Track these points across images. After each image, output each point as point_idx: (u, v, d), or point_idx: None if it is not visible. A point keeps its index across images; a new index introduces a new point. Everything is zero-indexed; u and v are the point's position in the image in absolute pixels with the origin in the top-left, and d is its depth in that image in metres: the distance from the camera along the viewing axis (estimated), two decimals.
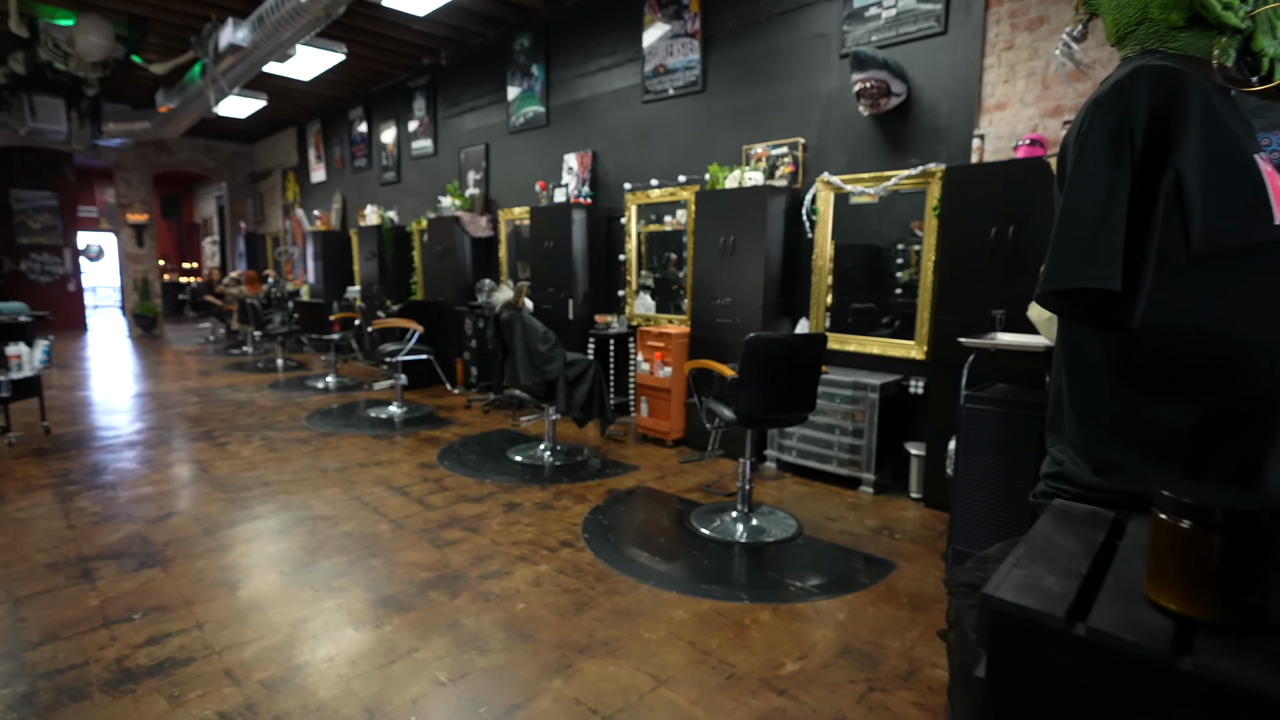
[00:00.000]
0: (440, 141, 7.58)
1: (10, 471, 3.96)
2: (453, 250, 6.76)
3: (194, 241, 16.59)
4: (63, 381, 6.98)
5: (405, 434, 4.98)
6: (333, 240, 9.16)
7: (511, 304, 4.22)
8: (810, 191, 4.21)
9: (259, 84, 8.17)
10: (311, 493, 3.64)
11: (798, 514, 3.41)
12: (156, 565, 2.73)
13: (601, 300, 5.67)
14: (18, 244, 11.61)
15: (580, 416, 4.21)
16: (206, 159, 12.05)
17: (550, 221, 5.59)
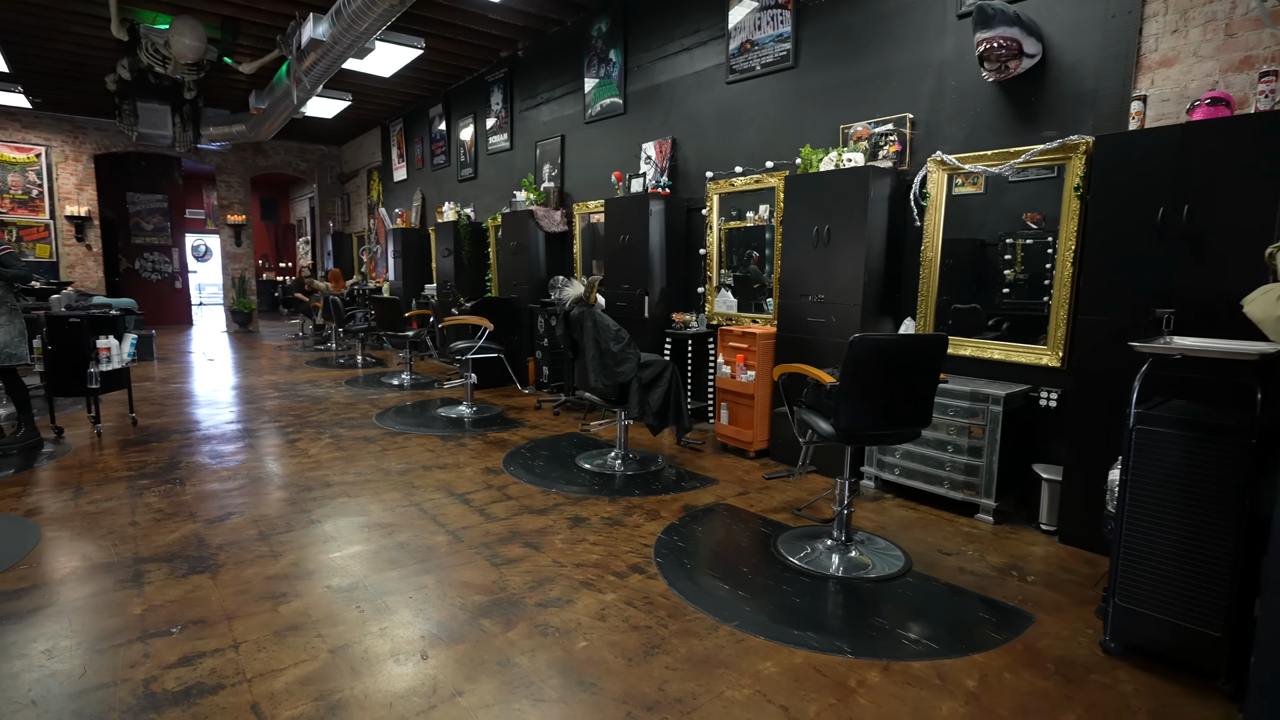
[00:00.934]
0: (516, 135, 7.43)
1: (94, 462, 4.01)
2: (526, 246, 6.57)
3: (290, 242, 17.40)
4: (158, 374, 7.27)
5: (473, 435, 4.79)
6: (412, 238, 9.22)
7: (582, 299, 3.93)
8: (920, 173, 3.70)
9: (343, 83, 8.30)
10: (372, 497, 3.46)
11: (903, 544, 2.94)
12: (206, 571, 2.58)
13: (679, 298, 5.31)
14: (133, 244, 12.42)
15: (655, 423, 3.87)
16: (299, 160, 12.52)
17: (626, 213, 5.28)
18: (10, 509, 3.23)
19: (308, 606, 2.33)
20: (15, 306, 4.17)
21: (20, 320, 4.16)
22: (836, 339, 3.77)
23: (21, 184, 10.16)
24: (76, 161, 10.51)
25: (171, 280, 12.97)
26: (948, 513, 3.34)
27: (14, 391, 4.23)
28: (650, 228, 5.05)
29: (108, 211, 11.89)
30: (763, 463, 4.18)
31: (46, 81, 8.46)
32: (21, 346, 4.10)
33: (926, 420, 2.61)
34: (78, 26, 6.58)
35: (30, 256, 10.27)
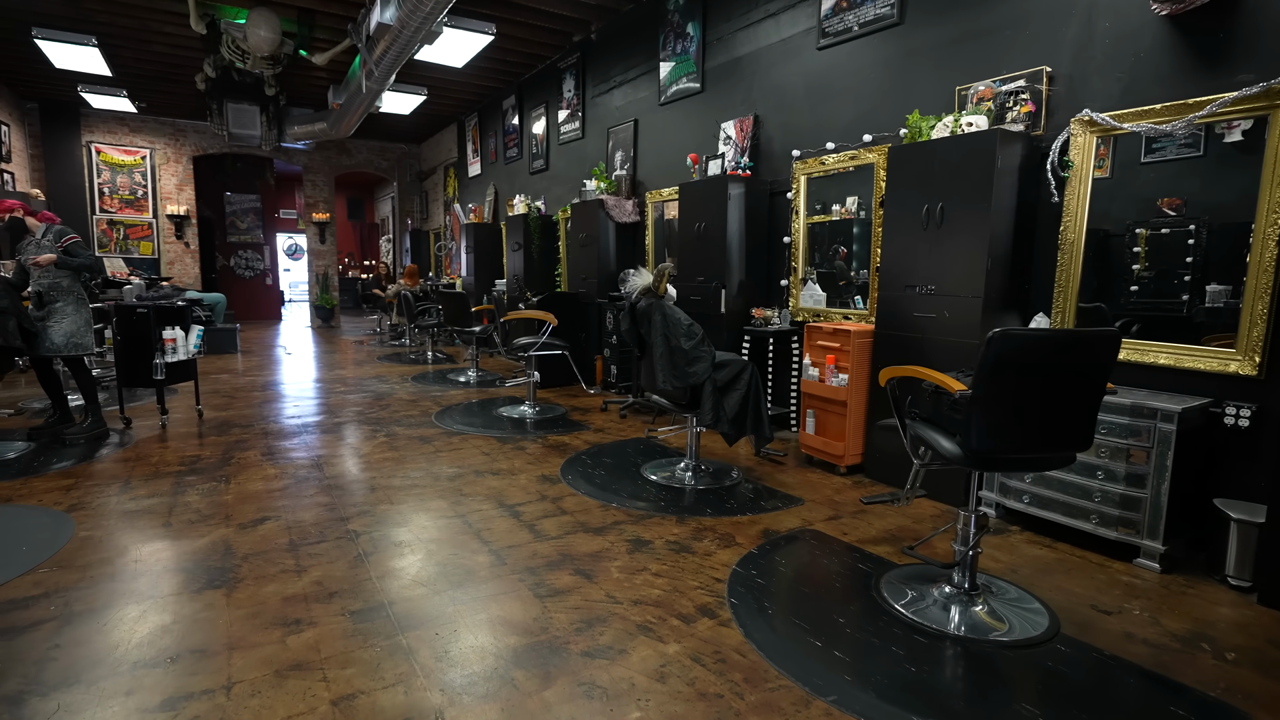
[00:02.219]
0: (588, 123, 7.09)
1: (148, 455, 3.92)
2: (595, 237, 6.21)
3: (374, 240, 17.90)
4: (235, 367, 7.39)
5: (532, 438, 4.44)
6: (484, 233, 9.08)
7: (651, 290, 3.49)
8: (1060, 137, 3.05)
9: (417, 76, 8.24)
10: (416, 504, 3.15)
11: (1043, 594, 2.34)
12: (224, 586, 2.31)
13: (760, 291, 4.79)
14: (228, 242, 12.99)
15: (730, 431, 3.38)
16: (380, 159, 12.73)
17: (702, 198, 4.81)
18: (55, 503, 3.11)
19: (319, 639, 1.99)
20: (83, 297, 4.16)
21: (87, 311, 4.14)
22: (950, 338, 3.17)
23: (129, 185, 10.74)
24: (177, 163, 11.02)
25: (263, 277, 13.49)
26: (1095, 554, 2.69)
27: (81, 381, 4.21)
28: (728, 214, 4.56)
29: (206, 211, 12.47)
30: (855, 480, 3.62)
31: (146, 85, 8.83)
32: (87, 336, 4.07)
33: (1087, 441, 2.02)
34: (168, 26, 6.73)
35: (135, 253, 10.86)
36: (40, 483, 3.42)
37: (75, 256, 4.02)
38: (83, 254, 4.08)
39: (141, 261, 10.84)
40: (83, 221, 10.34)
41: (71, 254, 4.01)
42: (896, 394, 2.32)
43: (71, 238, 4.07)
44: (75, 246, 4.05)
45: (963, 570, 2.22)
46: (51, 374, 4.23)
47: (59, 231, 4.10)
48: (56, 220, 4.25)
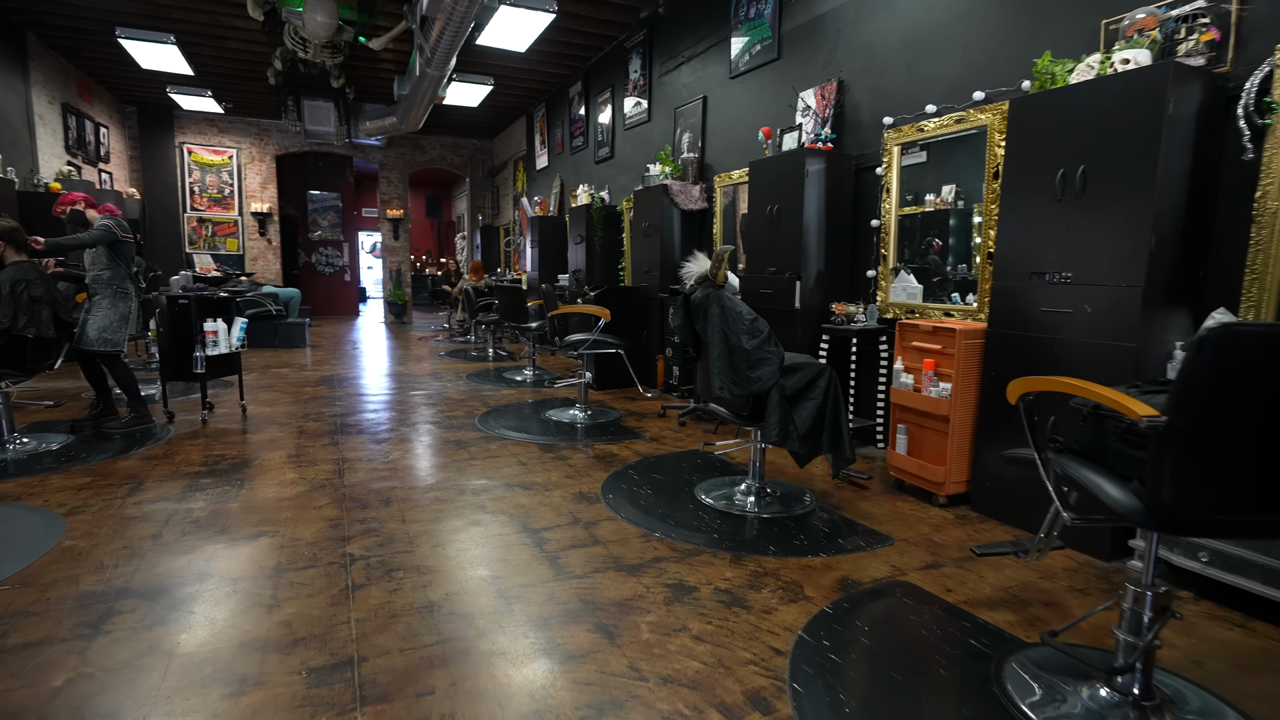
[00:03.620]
0: (654, 104, 6.59)
1: (175, 453, 3.71)
2: (659, 226, 5.70)
3: (450, 237, 18.10)
4: (298, 361, 7.34)
5: (578, 446, 3.98)
6: (549, 226, 8.74)
7: (709, 278, 2.94)
8: (1259, 73, 2.28)
9: (481, 65, 7.99)
10: (429, 524, 2.74)
11: (1250, 708, 1.63)
12: (178, 624, 1.95)
13: (841, 283, 4.13)
14: (310, 239, 13.33)
15: (801, 450, 2.78)
16: (453, 155, 12.71)
17: (775, 178, 4.20)
18: (60, 504, 2.90)
19: (258, 709, 1.57)
20: (122, 291, 4.01)
21: (124, 305, 3.99)
22: (1093, 339, 2.46)
23: (217, 184, 11.13)
24: (261, 162, 11.33)
25: (341, 274, 13.78)
26: None
27: (117, 376, 4.09)
28: (805, 193, 3.93)
29: (290, 209, 12.82)
30: (958, 514, 2.93)
31: (227, 84, 9.02)
32: (120, 333, 3.93)
33: None
34: (237, 20, 6.72)
35: (222, 250, 11.24)
36: (58, 480, 3.24)
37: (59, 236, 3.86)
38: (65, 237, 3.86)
39: (227, 257, 11.21)
40: (175, 219, 10.78)
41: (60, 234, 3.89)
42: (1032, 415, 1.68)
43: (104, 221, 3.93)
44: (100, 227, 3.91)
45: (1136, 673, 1.55)
46: (94, 366, 4.14)
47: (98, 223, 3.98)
48: (117, 213, 4.15)
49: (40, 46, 7.44)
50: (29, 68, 7.14)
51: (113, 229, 3.92)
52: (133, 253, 4.08)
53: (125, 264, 4.08)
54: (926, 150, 3.70)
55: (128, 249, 4.04)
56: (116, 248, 3.99)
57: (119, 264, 3.99)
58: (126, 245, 4.03)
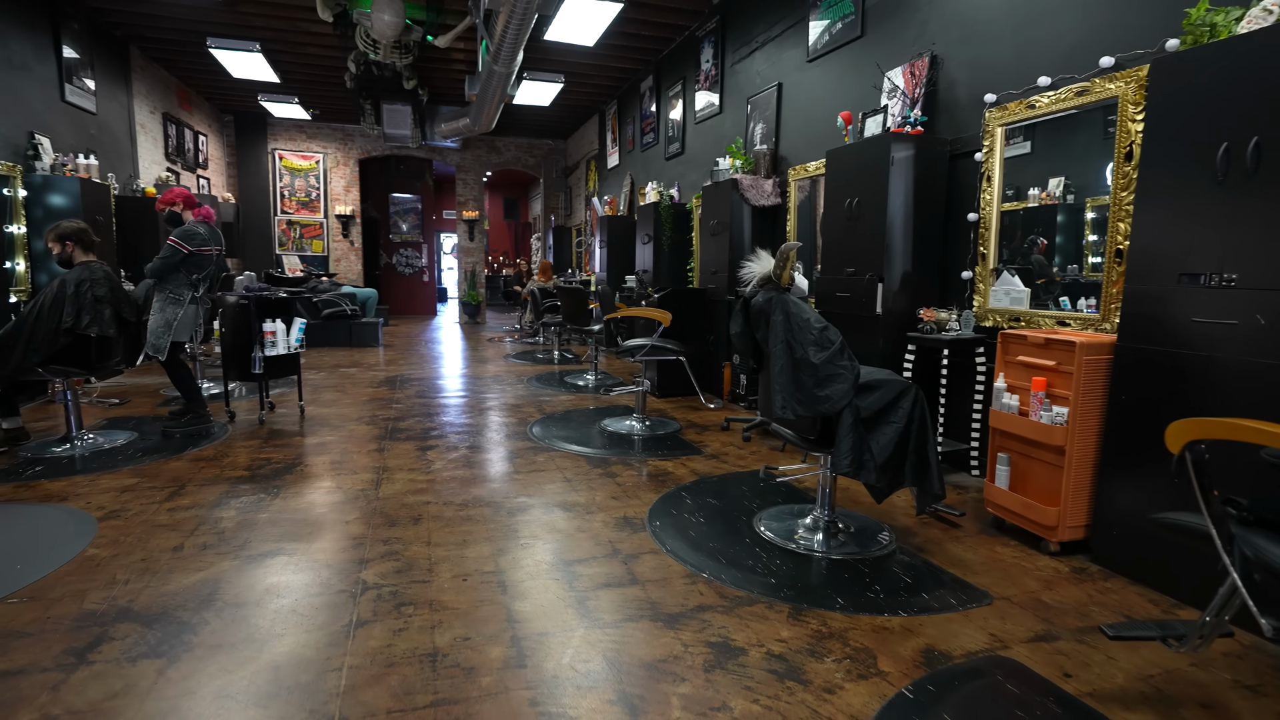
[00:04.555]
0: (726, 94, 6.21)
1: (224, 456, 3.67)
2: (727, 224, 5.32)
3: (526, 239, 18.27)
4: (368, 361, 7.41)
5: (630, 461, 3.68)
6: (618, 226, 8.51)
7: (772, 279, 2.56)
8: None
9: (550, 61, 7.84)
10: (457, 548, 2.50)
11: None
12: (163, 657, 1.77)
13: (930, 286, 3.64)
14: (391, 240, 13.70)
15: (879, 483, 2.36)
16: (527, 156, 12.72)
17: (855, 167, 3.75)
18: (99, 506, 2.86)
19: None
20: (174, 296, 3.99)
21: (171, 311, 3.98)
22: (1264, 359, 1.92)
23: (304, 187, 11.57)
24: (345, 166, 11.70)
25: (420, 274, 14.09)
26: None
27: (174, 377, 4.11)
28: (890, 184, 3.47)
29: (372, 211, 13.22)
30: (1075, 566, 2.42)
31: (311, 90, 9.30)
32: (163, 338, 3.94)
33: None
34: (315, 26, 6.83)
35: (308, 251, 11.68)
36: (107, 480, 3.24)
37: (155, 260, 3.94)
38: (156, 260, 3.95)
39: (313, 258, 11.64)
40: (266, 222, 11.28)
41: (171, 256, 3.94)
42: (1203, 471, 1.22)
43: (170, 240, 3.95)
44: (166, 248, 3.94)
45: None
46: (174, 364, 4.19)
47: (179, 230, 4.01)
48: (212, 218, 4.17)
49: (143, 59, 7.87)
50: (131, 79, 7.55)
51: (177, 250, 3.94)
52: (203, 263, 4.07)
53: (187, 273, 4.05)
54: (1031, 139, 3.19)
55: (193, 260, 4.02)
56: (186, 261, 4.00)
57: (178, 272, 4.00)
58: (196, 258, 4.02)
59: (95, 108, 6.68)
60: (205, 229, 4.05)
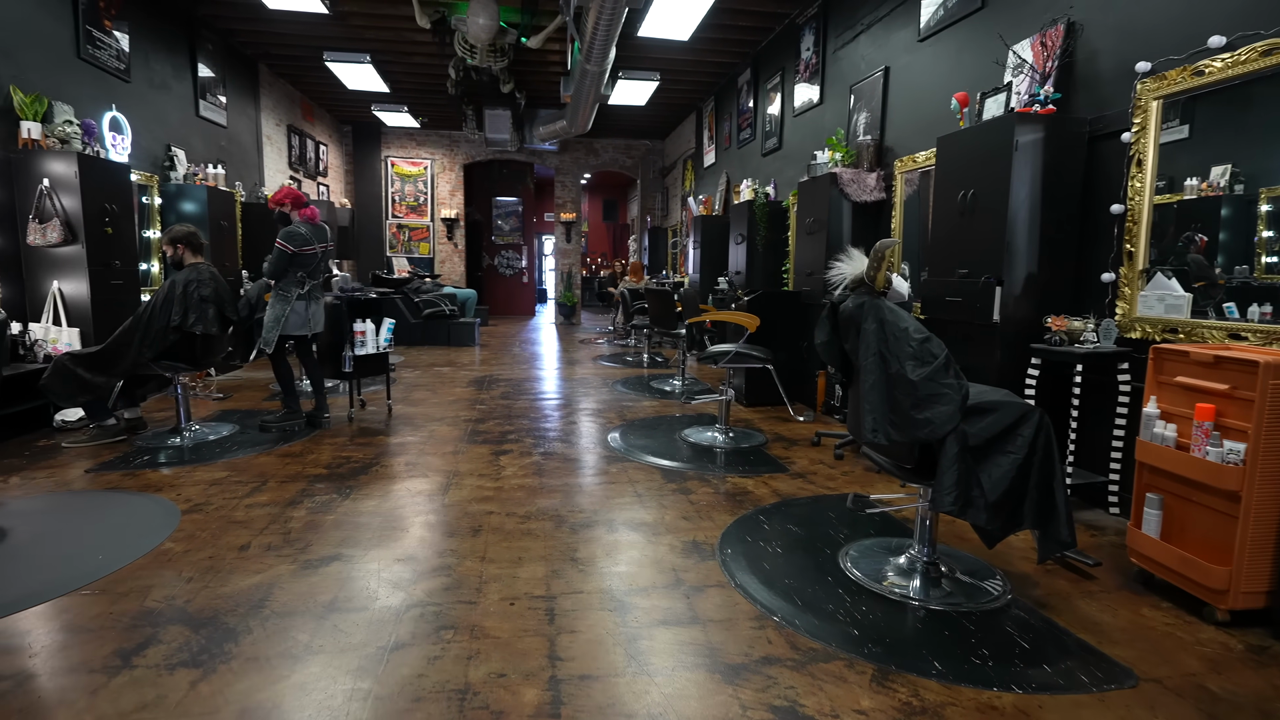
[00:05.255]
0: (827, 83, 5.80)
1: (311, 451, 3.77)
2: (825, 222, 4.93)
3: (624, 240, 18.33)
4: (463, 360, 7.56)
5: (707, 476, 3.42)
6: (712, 225, 8.23)
7: (865, 282, 2.24)
8: None
9: (644, 59, 7.71)
10: (510, 566, 2.36)
11: None
12: (199, 668, 1.73)
13: (1061, 290, 3.13)
14: (493, 242, 14.11)
15: (991, 525, 1.99)
16: (625, 157, 12.69)
17: (971, 154, 3.30)
18: (187, 499, 2.96)
19: None
20: (281, 294, 4.12)
21: (279, 308, 4.09)
22: None
23: (413, 192, 12.12)
24: (451, 171, 12.15)
25: (520, 276, 14.43)
26: None
27: (277, 372, 4.28)
28: (1013, 172, 3.01)
29: (476, 214, 13.67)
30: (1252, 642, 1.93)
31: (419, 98, 9.68)
32: (271, 332, 4.08)
33: None
34: (418, 35, 7.05)
35: (415, 253, 12.22)
36: (202, 472, 3.38)
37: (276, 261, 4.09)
38: (268, 263, 4.10)
39: (420, 260, 12.17)
40: (378, 225, 11.91)
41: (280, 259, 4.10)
42: None
43: (277, 243, 4.10)
44: (274, 250, 4.09)
45: None
46: (308, 360, 4.36)
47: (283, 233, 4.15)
48: (316, 218, 4.28)
49: (270, 75, 8.46)
50: (259, 94, 8.14)
51: (283, 251, 4.07)
52: (306, 261, 4.18)
53: (293, 271, 4.17)
54: (1189, 121, 2.66)
55: (298, 260, 4.15)
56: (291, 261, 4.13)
57: (290, 272, 4.13)
58: (299, 257, 4.14)
59: (226, 121, 7.23)
60: (307, 228, 4.17)
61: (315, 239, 4.21)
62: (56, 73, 4.69)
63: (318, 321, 4.28)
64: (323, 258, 4.32)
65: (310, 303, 4.23)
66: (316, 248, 4.21)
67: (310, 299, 4.24)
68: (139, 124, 5.60)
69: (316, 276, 4.26)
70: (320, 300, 4.32)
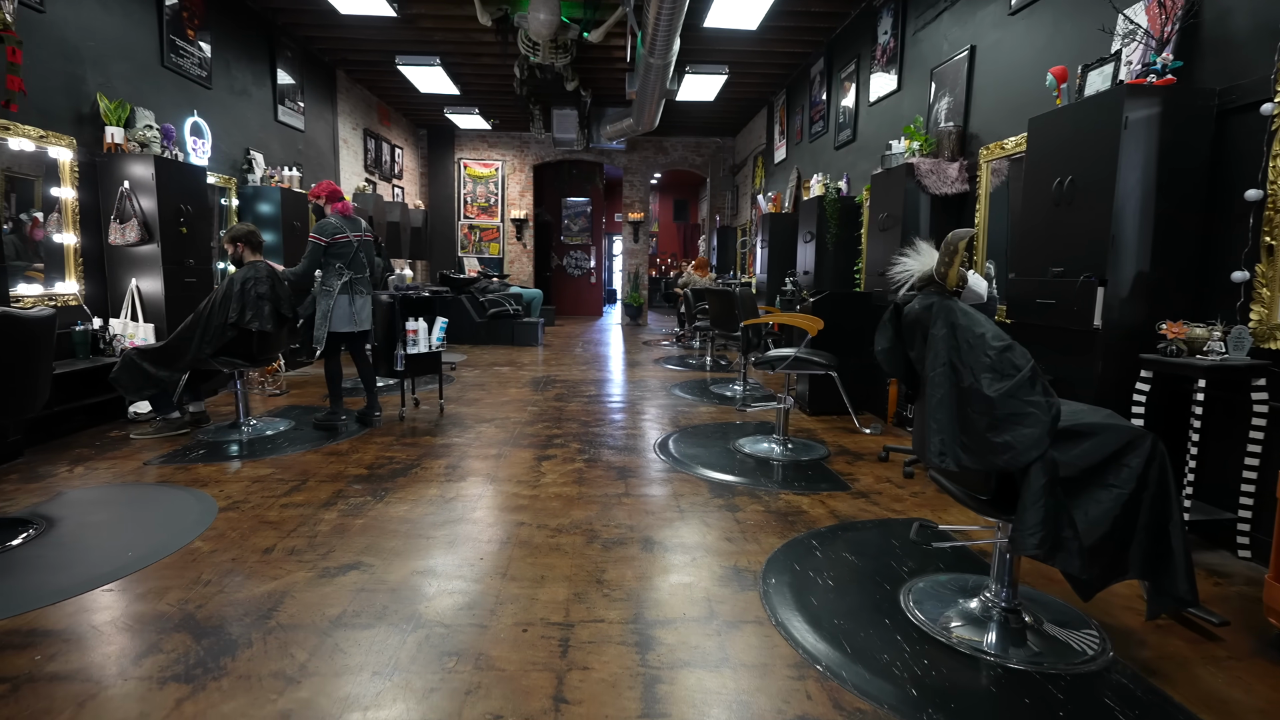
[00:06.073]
0: (906, 69, 5.37)
1: (356, 450, 3.75)
2: (899, 217, 4.54)
3: (695, 240, 18.05)
4: (525, 359, 7.53)
5: (759, 492, 3.15)
6: (781, 224, 7.88)
7: (935, 280, 1.93)
8: None
9: (711, 51, 7.44)
10: (531, 586, 2.18)
11: None
12: (186, 686, 1.64)
13: (1178, 291, 2.68)
14: (562, 242, 14.16)
15: (1087, 571, 1.65)
16: (694, 155, 12.43)
17: (1069, 135, 2.89)
18: (228, 496, 2.96)
19: None
20: (325, 289, 4.12)
21: (324, 304, 4.08)
22: None
23: (485, 194, 12.30)
24: (521, 172, 12.25)
25: (588, 276, 14.43)
26: None
27: (327, 371, 4.30)
28: (1122, 153, 2.59)
29: (546, 215, 13.75)
30: None
31: (488, 99, 9.77)
32: (321, 329, 4.09)
33: None
34: (485, 36, 7.07)
35: (486, 253, 12.40)
36: (249, 468, 3.40)
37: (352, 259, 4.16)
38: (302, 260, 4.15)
39: (490, 260, 12.34)
40: (451, 226, 12.15)
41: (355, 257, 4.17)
42: None
43: (310, 238, 4.12)
44: (307, 245, 4.12)
45: None
46: (360, 358, 4.40)
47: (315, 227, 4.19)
48: (348, 211, 4.28)
49: (348, 81, 8.74)
50: (337, 99, 8.40)
51: (315, 245, 4.10)
52: (342, 250, 4.16)
53: (331, 263, 4.18)
54: None
55: (332, 250, 4.15)
56: (326, 253, 4.15)
57: (329, 264, 4.16)
58: (334, 247, 4.16)
59: (303, 125, 7.48)
60: (338, 219, 4.16)
61: (348, 228, 4.18)
62: (141, 80, 4.91)
63: (364, 318, 4.25)
64: (360, 248, 4.24)
65: (354, 297, 4.20)
66: (350, 236, 4.16)
67: (353, 293, 4.20)
68: (219, 129, 5.84)
69: (358, 269, 4.22)
70: (365, 295, 4.28)
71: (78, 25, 4.34)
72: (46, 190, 4.20)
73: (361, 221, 4.32)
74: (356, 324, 4.20)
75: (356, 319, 4.20)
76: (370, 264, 4.36)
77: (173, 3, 5.20)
